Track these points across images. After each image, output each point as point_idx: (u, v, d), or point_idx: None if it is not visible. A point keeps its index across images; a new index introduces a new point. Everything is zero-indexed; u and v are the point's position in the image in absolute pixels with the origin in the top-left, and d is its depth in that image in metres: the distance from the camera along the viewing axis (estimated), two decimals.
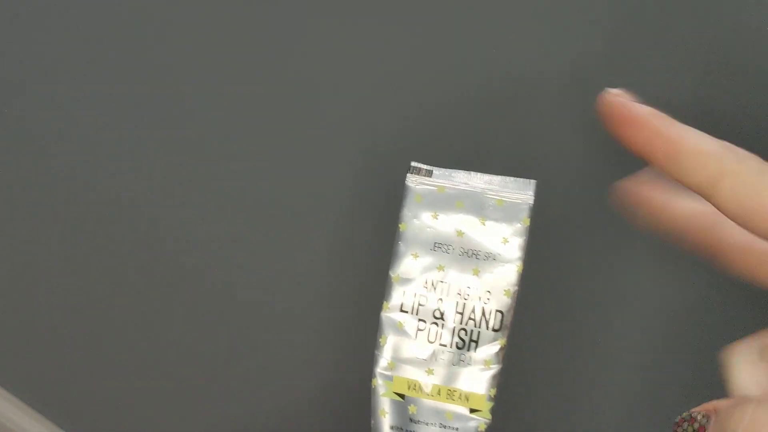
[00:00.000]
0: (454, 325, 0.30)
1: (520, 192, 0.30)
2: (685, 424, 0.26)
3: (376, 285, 0.32)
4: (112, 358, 0.69)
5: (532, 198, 0.30)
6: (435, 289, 0.30)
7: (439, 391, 0.30)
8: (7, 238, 0.69)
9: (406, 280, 0.30)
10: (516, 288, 0.30)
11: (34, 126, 0.62)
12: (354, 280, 0.52)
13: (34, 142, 0.63)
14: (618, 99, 0.28)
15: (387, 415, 0.30)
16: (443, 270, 0.30)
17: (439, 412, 0.29)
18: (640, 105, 0.28)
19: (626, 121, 0.27)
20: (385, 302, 0.30)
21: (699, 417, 0.26)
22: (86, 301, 0.68)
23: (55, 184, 0.63)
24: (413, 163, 0.31)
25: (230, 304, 0.60)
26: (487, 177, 0.31)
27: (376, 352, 0.30)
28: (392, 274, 0.30)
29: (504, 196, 0.30)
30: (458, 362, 0.30)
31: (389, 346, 0.30)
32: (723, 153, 0.27)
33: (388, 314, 0.30)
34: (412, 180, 0.31)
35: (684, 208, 0.31)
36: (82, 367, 0.72)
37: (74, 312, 0.69)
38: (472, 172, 0.31)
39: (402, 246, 0.30)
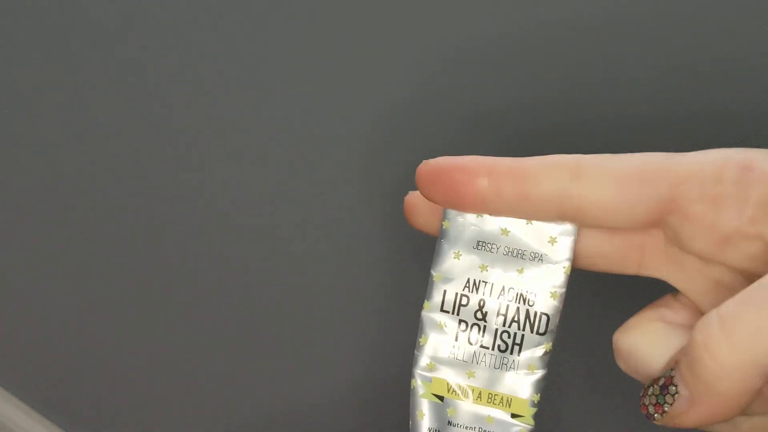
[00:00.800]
0: (496, 327, 0.29)
1: None
2: (650, 390, 0.26)
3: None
4: (112, 358, 0.69)
5: None
6: (477, 289, 0.29)
7: (480, 394, 0.29)
8: (8, 238, 0.68)
9: (447, 279, 0.29)
10: (563, 290, 0.29)
11: (34, 126, 0.62)
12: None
13: (33, 143, 0.62)
14: (438, 160, 0.28)
15: (425, 417, 0.29)
16: (486, 270, 0.29)
17: (479, 417, 0.28)
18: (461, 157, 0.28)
19: (462, 169, 0.27)
20: (426, 301, 0.29)
21: (661, 374, 0.26)
22: (86, 301, 0.67)
23: (55, 184, 0.62)
24: None
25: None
26: None
27: (415, 352, 0.29)
28: (434, 273, 0.29)
29: None
30: (501, 365, 0.29)
31: (429, 347, 0.29)
32: (571, 155, 0.27)
33: (429, 314, 0.29)
34: None
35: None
36: (82, 367, 0.71)
37: (74, 312, 0.68)
38: None
39: (444, 244, 0.29)
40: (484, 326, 0.29)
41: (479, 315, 0.29)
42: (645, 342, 0.27)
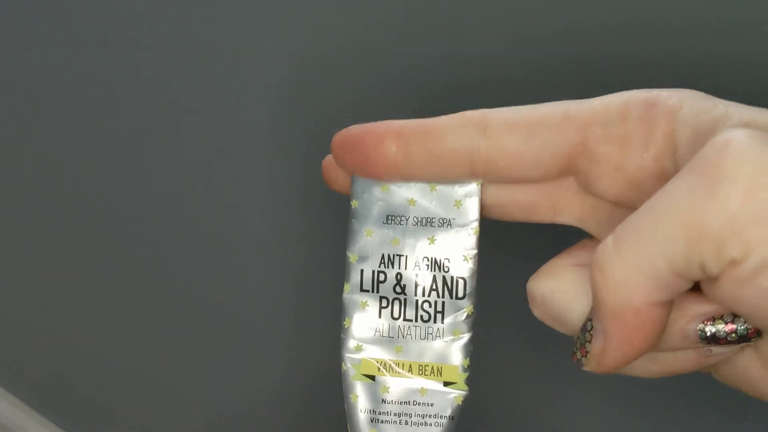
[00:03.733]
0: (417, 298, 0.29)
1: None
2: (578, 335, 0.26)
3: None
4: (111, 358, 0.69)
5: None
6: (393, 264, 0.29)
7: (410, 367, 0.29)
8: (8, 238, 0.68)
9: (363, 259, 0.29)
10: (476, 251, 0.29)
11: (33, 127, 0.61)
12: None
13: (32, 143, 0.61)
14: (349, 128, 0.28)
15: (358, 399, 0.29)
16: (399, 243, 0.29)
17: (412, 390, 0.29)
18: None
19: (371, 133, 0.27)
20: (345, 284, 0.29)
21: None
22: (86, 301, 0.67)
23: (55, 185, 0.62)
24: None
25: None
26: None
27: (341, 335, 0.29)
28: (349, 254, 0.29)
29: None
30: (426, 336, 0.29)
31: (354, 328, 0.29)
32: (477, 110, 0.27)
33: (350, 295, 0.29)
34: None
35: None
36: (82, 368, 0.72)
37: (74, 313, 0.69)
38: None
39: (355, 224, 0.29)
40: (405, 299, 0.29)
41: (398, 289, 0.29)
42: (559, 287, 0.27)
